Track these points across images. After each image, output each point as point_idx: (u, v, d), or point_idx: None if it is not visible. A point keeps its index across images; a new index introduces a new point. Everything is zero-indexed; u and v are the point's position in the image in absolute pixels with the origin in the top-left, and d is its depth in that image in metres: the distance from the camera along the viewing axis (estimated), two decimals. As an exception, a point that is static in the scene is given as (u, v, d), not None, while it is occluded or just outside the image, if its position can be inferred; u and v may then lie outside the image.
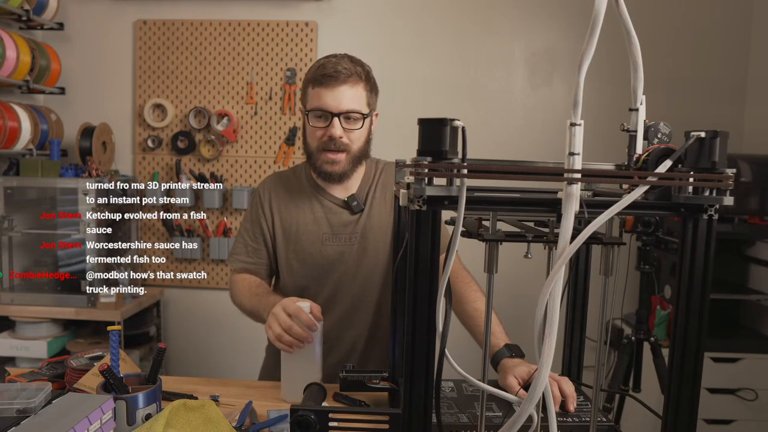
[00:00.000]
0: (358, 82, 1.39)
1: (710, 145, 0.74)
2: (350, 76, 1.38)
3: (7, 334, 2.57)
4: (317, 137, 1.41)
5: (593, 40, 0.68)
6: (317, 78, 1.38)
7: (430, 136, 0.75)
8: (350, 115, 1.39)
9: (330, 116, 1.37)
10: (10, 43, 2.45)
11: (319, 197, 1.50)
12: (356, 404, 1.19)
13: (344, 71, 1.37)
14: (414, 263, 0.76)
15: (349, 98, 1.38)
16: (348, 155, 1.42)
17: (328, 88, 1.37)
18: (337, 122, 1.37)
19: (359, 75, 1.39)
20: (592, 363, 0.92)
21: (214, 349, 2.88)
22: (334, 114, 1.37)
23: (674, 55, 2.72)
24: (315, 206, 1.50)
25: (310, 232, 1.48)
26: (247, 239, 1.53)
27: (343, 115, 1.38)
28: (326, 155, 1.41)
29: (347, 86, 1.37)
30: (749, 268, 2.48)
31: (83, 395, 1.00)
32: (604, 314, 0.86)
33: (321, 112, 1.38)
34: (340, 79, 1.36)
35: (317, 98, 1.38)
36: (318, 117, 1.39)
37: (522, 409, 0.73)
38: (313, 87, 1.39)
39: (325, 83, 1.37)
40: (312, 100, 1.40)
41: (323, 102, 1.37)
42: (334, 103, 1.37)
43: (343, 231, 1.47)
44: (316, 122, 1.40)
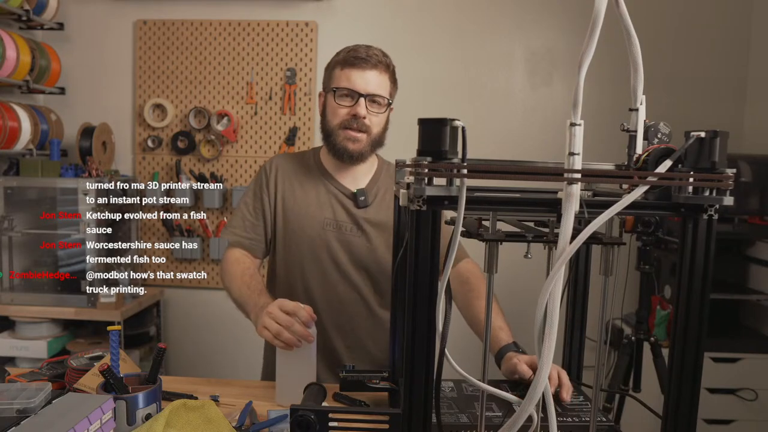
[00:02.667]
0: (385, 72, 1.45)
1: (710, 145, 0.74)
2: (380, 63, 1.43)
3: (7, 334, 2.57)
4: (340, 115, 1.43)
5: (593, 40, 0.68)
6: (348, 59, 1.43)
7: (430, 136, 0.75)
8: (375, 99, 1.43)
9: (357, 96, 1.41)
10: (10, 43, 2.45)
11: (326, 183, 1.52)
12: (356, 404, 1.19)
13: (375, 57, 1.43)
14: (414, 263, 0.76)
15: (377, 83, 1.43)
16: (368, 137, 1.45)
17: (358, 69, 1.41)
18: (363, 102, 1.41)
19: (387, 65, 1.45)
20: (592, 363, 0.92)
21: (214, 349, 2.88)
22: (361, 94, 1.41)
23: (674, 55, 2.72)
24: (321, 190, 1.51)
25: (312, 216, 1.49)
26: (246, 213, 1.53)
27: (369, 96, 1.42)
28: (348, 132, 1.43)
29: (376, 72, 1.42)
30: (749, 268, 2.47)
31: (83, 395, 1.00)
32: (604, 314, 0.86)
33: (348, 91, 1.42)
34: (370, 63, 1.42)
35: (346, 78, 1.42)
36: (344, 95, 1.43)
37: (522, 409, 0.73)
38: (342, 68, 1.43)
39: (356, 65, 1.41)
40: (339, 80, 1.43)
41: (352, 82, 1.41)
42: (362, 84, 1.41)
43: (345, 220, 1.49)
44: (342, 100, 1.43)
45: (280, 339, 1.19)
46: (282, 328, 1.19)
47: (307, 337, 1.19)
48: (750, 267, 2.47)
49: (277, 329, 1.19)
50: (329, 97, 1.46)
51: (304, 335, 1.19)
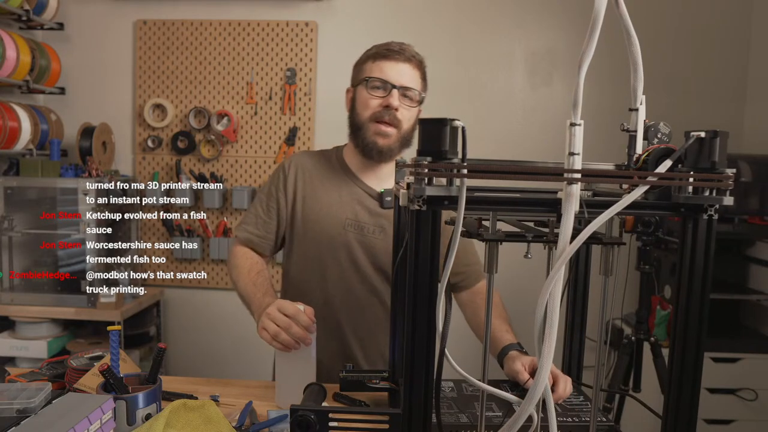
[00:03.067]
0: (418, 68, 1.43)
1: (710, 145, 0.74)
2: (413, 58, 1.42)
3: (7, 334, 2.57)
4: (371, 106, 1.40)
5: (593, 40, 0.68)
6: (381, 52, 1.41)
7: (430, 136, 0.75)
8: (408, 93, 1.40)
9: (390, 87, 1.38)
10: (10, 43, 2.45)
11: (349, 182, 1.48)
12: (356, 404, 1.19)
13: (408, 52, 1.42)
14: (414, 263, 0.76)
15: (409, 76, 1.41)
16: (398, 132, 1.41)
17: (391, 61, 1.40)
18: (396, 93, 1.38)
19: (420, 63, 1.44)
20: (592, 363, 0.92)
21: (214, 349, 2.88)
22: (394, 85, 1.38)
23: (674, 55, 2.72)
24: (343, 190, 1.48)
25: (332, 216, 1.45)
26: (260, 211, 1.51)
27: (401, 89, 1.39)
28: (379, 126, 1.40)
29: (409, 65, 1.41)
30: (749, 268, 2.47)
31: (83, 395, 1.00)
32: (604, 314, 0.86)
33: (381, 82, 1.39)
34: (404, 56, 1.40)
35: (378, 70, 1.40)
36: (376, 87, 1.40)
37: (522, 409, 0.73)
38: (374, 60, 1.42)
39: (389, 57, 1.40)
40: (371, 71, 1.41)
41: (385, 73, 1.39)
42: (396, 76, 1.39)
43: (367, 222, 1.45)
44: (374, 92, 1.40)
45: (278, 341, 1.18)
46: (280, 330, 1.18)
47: (305, 339, 1.18)
48: (750, 267, 2.47)
49: (275, 331, 1.18)
50: (360, 90, 1.43)
51: (302, 338, 1.18)
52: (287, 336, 1.18)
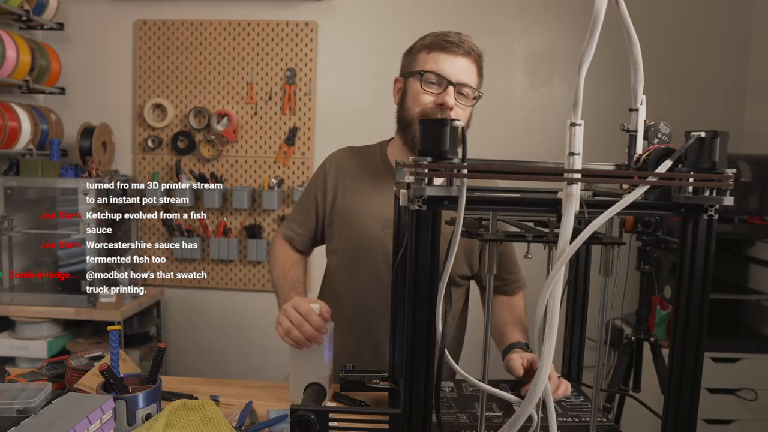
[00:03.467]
0: (476, 63, 1.34)
1: (710, 145, 0.74)
2: (472, 51, 1.32)
3: (7, 334, 2.57)
4: (424, 102, 1.31)
5: (593, 40, 0.68)
6: (438, 43, 1.31)
7: (431, 136, 0.75)
8: (464, 90, 1.31)
9: (445, 83, 1.29)
10: (10, 43, 2.45)
11: (391, 180, 1.39)
12: (356, 404, 1.19)
13: (467, 45, 1.31)
14: (414, 263, 0.76)
15: (467, 72, 1.31)
16: None
17: (449, 54, 1.30)
18: (452, 91, 1.29)
19: (479, 56, 1.34)
20: (592, 363, 0.92)
21: (214, 349, 2.88)
22: (450, 81, 1.29)
23: (674, 55, 2.72)
24: (384, 188, 1.40)
25: (372, 215, 1.40)
26: (300, 209, 1.51)
27: (458, 86, 1.30)
28: None
29: (468, 60, 1.31)
30: (749, 268, 2.47)
31: (83, 395, 1.00)
32: (604, 314, 0.86)
33: (436, 76, 1.30)
34: (463, 49, 1.30)
35: (434, 62, 1.30)
36: (431, 82, 1.30)
37: (522, 409, 0.73)
38: (429, 52, 1.31)
39: (447, 49, 1.30)
40: (427, 64, 1.31)
41: (441, 67, 1.29)
42: (453, 71, 1.29)
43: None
44: (429, 87, 1.31)
45: (290, 337, 1.18)
46: (292, 327, 1.18)
47: (315, 338, 1.18)
48: (750, 267, 2.47)
49: (287, 327, 1.18)
50: (412, 83, 1.33)
51: (313, 336, 1.17)
52: (298, 333, 1.18)
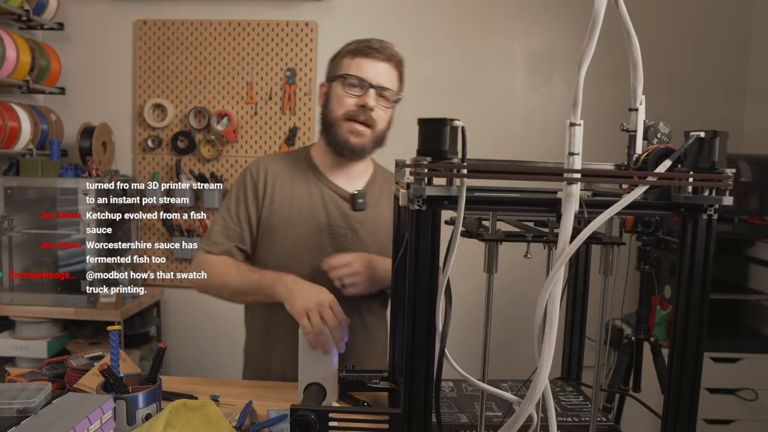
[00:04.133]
0: (397, 67, 1.40)
1: (710, 145, 0.74)
2: (393, 57, 1.38)
3: (7, 334, 2.57)
4: (346, 105, 1.36)
5: (593, 40, 0.68)
6: (360, 48, 1.37)
7: (430, 136, 0.75)
8: (384, 93, 1.36)
9: (366, 86, 1.35)
10: (10, 43, 2.45)
11: (320, 184, 1.43)
12: (358, 404, 1.19)
13: (388, 49, 1.38)
14: (414, 263, 0.76)
15: (387, 76, 1.37)
16: (372, 132, 1.38)
17: (370, 59, 1.36)
18: (372, 93, 1.35)
19: (399, 61, 1.40)
20: (592, 363, 0.92)
21: (214, 349, 2.88)
22: (371, 84, 1.35)
23: (674, 55, 2.72)
24: (314, 192, 1.42)
25: (305, 220, 1.40)
26: (229, 221, 1.43)
27: (378, 89, 1.35)
28: (353, 125, 1.36)
29: (388, 65, 1.37)
30: (749, 268, 2.47)
31: (83, 395, 1.00)
32: (604, 314, 0.87)
33: (357, 80, 1.35)
34: (384, 54, 1.36)
35: (356, 67, 1.36)
36: (353, 85, 1.36)
37: (522, 409, 0.73)
38: (352, 57, 1.37)
39: (368, 54, 1.36)
40: (350, 69, 1.36)
41: (362, 71, 1.35)
42: (374, 75, 1.35)
43: (340, 225, 1.41)
44: (350, 90, 1.36)
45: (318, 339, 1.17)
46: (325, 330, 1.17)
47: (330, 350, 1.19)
48: (750, 267, 2.47)
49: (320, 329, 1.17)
50: (335, 86, 1.38)
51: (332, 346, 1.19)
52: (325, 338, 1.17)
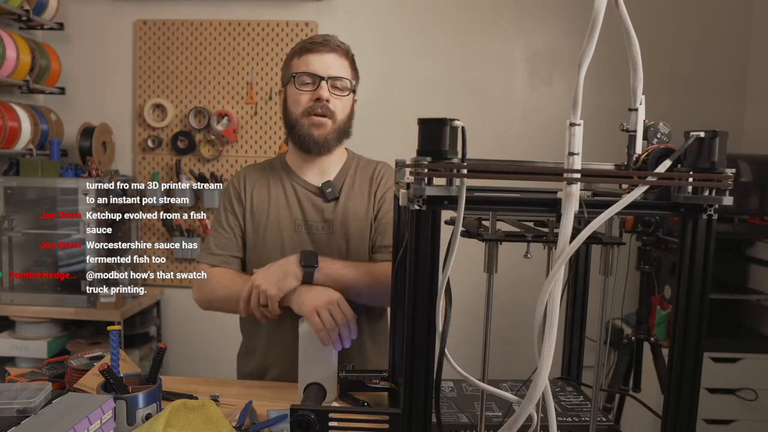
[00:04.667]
0: (345, 57, 1.41)
1: (710, 145, 0.74)
2: (338, 47, 1.39)
3: (7, 334, 2.57)
4: (302, 102, 1.38)
5: (593, 40, 0.68)
6: (305, 46, 1.38)
7: (430, 136, 0.75)
8: (337, 82, 1.38)
9: (318, 80, 1.36)
10: (10, 43, 2.45)
11: (293, 182, 1.46)
12: (358, 404, 1.19)
13: (333, 42, 1.39)
14: (414, 263, 0.76)
15: (337, 66, 1.38)
16: (333, 123, 1.39)
17: (316, 54, 1.37)
18: (325, 85, 1.36)
19: (346, 51, 1.41)
20: (592, 363, 0.92)
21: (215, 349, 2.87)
22: (322, 77, 1.36)
23: (674, 55, 2.72)
24: (288, 191, 1.45)
25: (282, 219, 1.43)
26: (221, 231, 1.46)
27: (331, 80, 1.36)
28: (312, 118, 1.37)
29: (335, 55, 1.38)
30: (749, 268, 2.47)
31: (83, 395, 1.00)
32: (604, 314, 0.86)
33: (308, 76, 1.37)
34: (329, 47, 1.38)
35: (305, 64, 1.37)
36: (304, 83, 1.37)
37: (522, 409, 0.73)
38: (300, 56, 1.39)
39: (314, 50, 1.37)
40: (299, 67, 1.38)
41: (311, 66, 1.37)
42: (322, 67, 1.36)
43: (315, 219, 1.42)
44: (303, 87, 1.37)
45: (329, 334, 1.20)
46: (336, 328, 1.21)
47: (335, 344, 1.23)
48: (750, 267, 2.47)
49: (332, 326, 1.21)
50: (290, 88, 1.40)
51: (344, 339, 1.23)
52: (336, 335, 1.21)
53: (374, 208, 1.45)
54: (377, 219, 1.44)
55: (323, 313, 1.22)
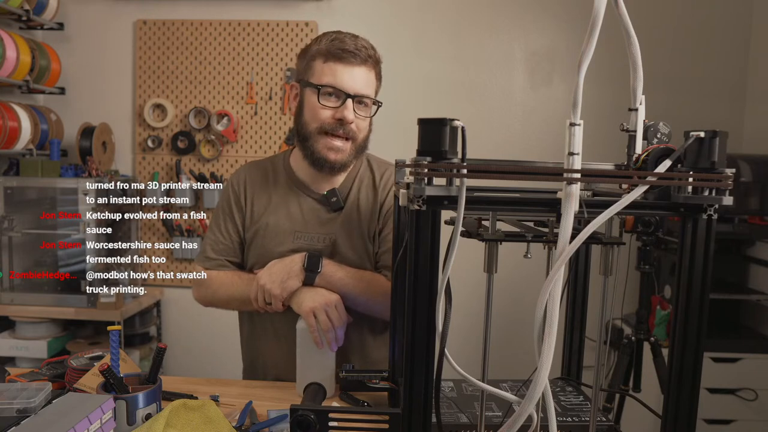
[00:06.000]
0: (374, 68, 1.29)
1: (709, 145, 0.74)
2: (369, 58, 1.27)
3: (7, 334, 2.58)
4: (322, 118, 1.25)
5: (593, 40, 0.68)
6: (334, 52, 1.24)
7: (430, 136, 0.75)
8: (364, 100, 1.27)
9: (344, 96, 1.24)
10: (10, 43, 2.45)
11: (298, 193, 1.38)
12: (358, 404, 1.19)
13: (364, 51, 1.25)
14: (414, 263, 0.76)
15: (365, 81, 1.26)
16: (353, 145, 1.29)
17: (346, 65, 1.24)
18: (351, 105, 1.24)
19: (375, 61, 1.29)
20: (592, 363, 0.92)
21: (214, 349, 2.88)
22: (349, 95, 1.24)
23: (674, 55, 2.72)
24: (291, 203, 1.37)
25: (281, 231, 1.36)
26: (218, 235, 1.41)
27: (356, 98, 1.25)
28: (331, 140, 1.26)
29: (365, 68, 1.26)
30: (749, 268, 2.47)
31: (83, 395, 1.00)
32: (604, 314, 0.86)
33: (334, 90, 1.24)
34: (360, 58, 1.25)
35: (331, 74, 1.24)
36: (329, 95, 1.25)
37: (522, 409, 0.73)
38: (325, 61, 1.25)
39: (344, 59, 1.24)
40: (323, 75, 1.25)
41: (339, 79, 1.23)
42: (350, 82, 1.24)
43: (317, 231, 1.36)
44: (327, 100, 1.25)
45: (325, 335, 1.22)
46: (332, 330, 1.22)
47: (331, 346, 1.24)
48: (750, 267, 2.47)
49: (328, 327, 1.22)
50: (309, 95, 1.27)
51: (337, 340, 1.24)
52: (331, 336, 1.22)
53: (379, 221, 1.37)
54: (382, 236, 1.37)
55: (320, 314, 1.22)
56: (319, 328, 1.22)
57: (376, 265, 1.39)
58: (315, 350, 1.23)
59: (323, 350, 1.23)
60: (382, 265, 1.38)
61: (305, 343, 1.23)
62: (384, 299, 1.25)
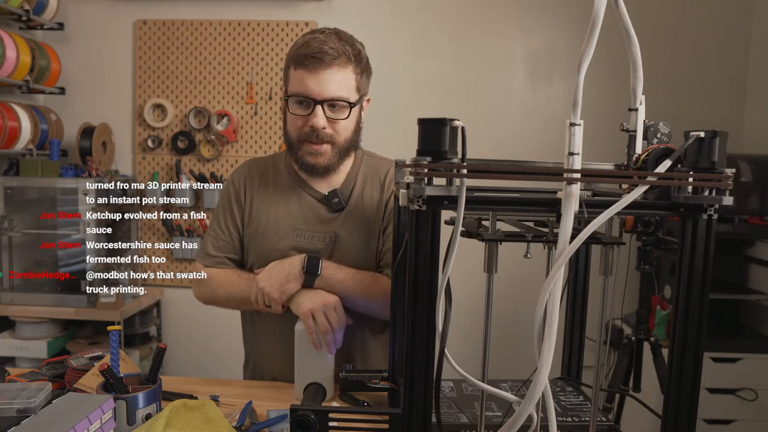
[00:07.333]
0: (347, 65, 1.24)
1: (710, 145, 0.74)
2: (337, 57, 1.22)
3: (7, 334, 2.58)
4: (297, 127, 1.27)
5: (593, 40, 0.68)
6: (298, 58, 1.23)
7: (430, 136, 0.75)
8: (335, 103, 1.24)
9: (312, 103, 1.23)
10: (10, 43, 2.45)
11: (299, 191, 1.38)
12: (358, 404, 1.19)
13: (331, 52, 1.21)
14: (414, 263, 0.76)
15: (336, 84, 1.23)
16: (334, 147, 1.28)
17: (311, 71, 1.22)
18: (320, 111, 1.23)
19: (348, 56, 1.24)
20: (592, 363, 0.92)
21: (214, 349, 2.88)
22: (316, 101, 1.23)
23: (673, 55, 2.72)
24: (291, 200, 1.37)
25: (281, 229, 1.35)
26: (219, 232, 1.41)
27: (327, 102, 1.24)
28: (310, 146, 1.27)
29: (333, 69, 1.22)
30: (749, 268, 2.47)
31: (83, 395, 1.00)
32: (604, 314, 0.86)
33: (302, 98, 1.24)
34: (325, 62, 1.21)
35: (298, 82, 1.23)
36: (299, 103, 1.25)
37: (522, 409, 0.73)
38: (295, 68, 1.24)
39: (308, 65, 1.22)
40: (293, 84, 1.25)
41: (305, 87, 1.23)
42: (317, 89, 1.22)
43: (317, 229, 1.35)
44: (297, 109, 1.25)
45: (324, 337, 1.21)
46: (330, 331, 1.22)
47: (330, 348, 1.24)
48: (750, 267, 2.47)
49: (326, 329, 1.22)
50: (289, 102, 1.27)
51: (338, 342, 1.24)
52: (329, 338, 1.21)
53: (384, 219, 1.37)
54: (386, 234, 1.36)
55: (318, 316, 1.22)
56: (318, 329, 1.22)
57: (379, 264, 1.38)
58: (313, 352, 1.22)
59: (321, 352, 1.22)
60: (385, 264, 1.38)
61: (303, 345, 1.23)
62: (384, 300, 1.25)
